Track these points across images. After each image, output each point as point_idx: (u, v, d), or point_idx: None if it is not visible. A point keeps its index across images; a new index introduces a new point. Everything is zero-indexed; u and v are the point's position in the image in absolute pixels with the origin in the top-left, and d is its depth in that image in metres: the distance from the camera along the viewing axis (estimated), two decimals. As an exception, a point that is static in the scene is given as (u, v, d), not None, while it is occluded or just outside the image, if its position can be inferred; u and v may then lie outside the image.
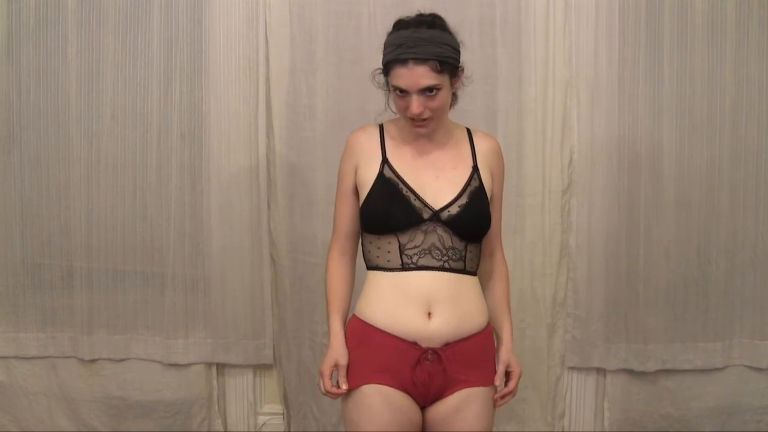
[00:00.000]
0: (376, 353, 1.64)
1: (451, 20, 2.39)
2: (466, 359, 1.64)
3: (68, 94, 2.52)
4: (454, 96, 1.72)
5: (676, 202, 2.48)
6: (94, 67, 2.51)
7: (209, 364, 2.62)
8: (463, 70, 1.68)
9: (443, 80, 1.59)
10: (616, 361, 2.54)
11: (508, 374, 1.76)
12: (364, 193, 1.68)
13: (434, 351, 1.62)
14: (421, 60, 1.56)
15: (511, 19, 2.45)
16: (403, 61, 1.57)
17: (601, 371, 2.60)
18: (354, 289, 1.77)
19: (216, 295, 2.57)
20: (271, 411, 2.71)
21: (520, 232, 2.52)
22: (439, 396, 1.65)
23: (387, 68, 1.63)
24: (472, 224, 1.66)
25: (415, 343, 1.62)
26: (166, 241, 2.56)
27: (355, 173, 1.71)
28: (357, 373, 1.66)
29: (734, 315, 2.53)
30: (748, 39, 2.45)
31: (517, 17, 2.45)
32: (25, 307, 2.62)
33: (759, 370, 2.55)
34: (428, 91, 1.58)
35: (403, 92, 1.60)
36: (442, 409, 1.65)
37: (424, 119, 1.62)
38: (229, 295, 2.56)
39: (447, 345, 1.63)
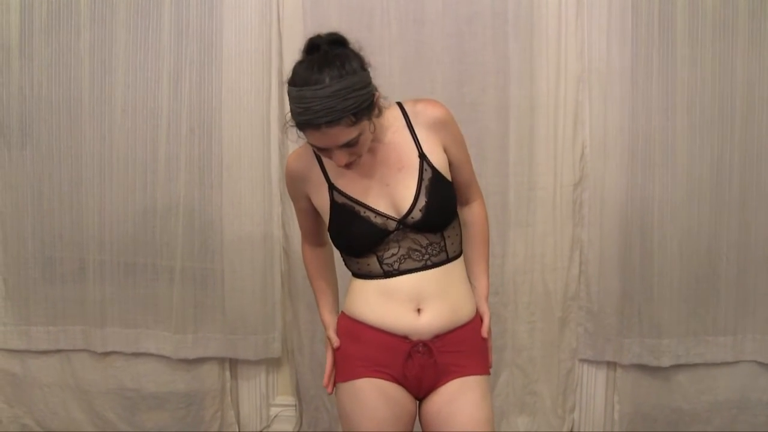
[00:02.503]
0: (368, 349, 1.63)
1: (463, 13, 2.45)
2: (457, 349, 1.63)
3: (80, 88, 2.53)
4: (379, 110, 1.58)
5: (688, 197, 2.47)
6: (106, 61, 2.52)
7: (222, 357, 2.64)
8: (378, 97, 1.53)
9: (361, 126, 1.48)
10: (629, 356, 2.53)
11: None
12: (326, 219, 1.66)
13: (425, 343, 1.60)
14: (333, 122, 1.42)
15: (523, 14, 2.45)
16: (315, 126, 1.44)
17: (611, 365, 2.61)
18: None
19: (226, 289, 2.58)
20: (284, 403, 2.73)
21: (531, 225, 2.52)
22: (432, 387, 1.64)
23: (297, 126, 1.50)
24: (439, 219, 1.61)
25: (405, 337, 1.60)
26: (174, 235, 2.57)
27: (310, 201, 1.68)
28: (350, 368, 1.65)
29: (746, 310, 2.52)
30: (761, 33, 2.43)
31: (530, 11, 2.45)
32: (38, 301, 2.63)
33: (770, 366, 2.56)
34: (348, 143, 1.48)
35: (321, 149, 1.51)
36: (437, 399, 1.63)
37: (351, 162, 1.54)
38: (239, 289, 2.57)
39: (437, 337, 1.61)
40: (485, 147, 2.45)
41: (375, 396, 1.61)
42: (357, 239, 1.60)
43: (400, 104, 1.65)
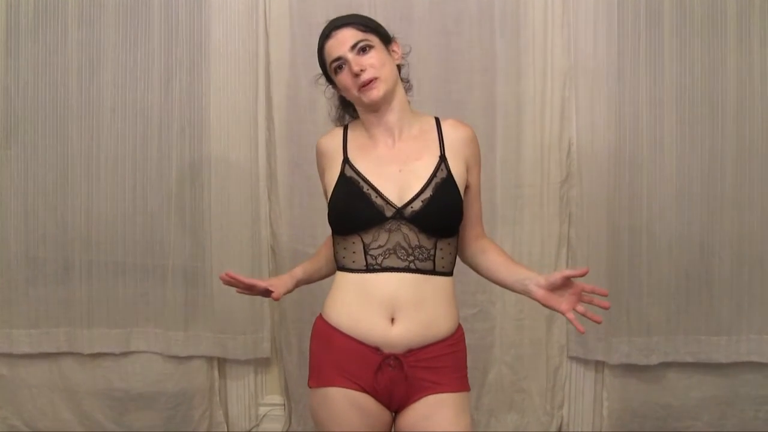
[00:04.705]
0: (339, 357, 1.59)
1: (450, 12, 2.46)
2: (430, 366, 1.58)
3: (68, 87, 2.53)
4: (408, 83, 1.70)
5: (677, 194, 2.47)
6: (94, 60, 2.52)
7: (210, 356, 2.64)
8: (397, 43, 1.68)
9: (373, 39, 1.61)
10: (618, 355, 2.53)
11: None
12: (328, 194, 1.65)
13: (396, 357, 1.56)
14: (343, 25, 1.61)
15: (509, 12, 2.46)
16: (328, 35, 1.61)
17: (600, 361, 2.60)
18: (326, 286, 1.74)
19: (216, 288, 2.57)
20: (272, 402, 2.73)
21: (518, 223, 2.53)
22: (405, 402, 1.59)
23: (321, 58, 1.65)
24: (437, 219, 1.58)
25: (377, 349, 1.57)
26: (166, 234, 2.57)
27: (324, 177, 1.70)
28: (322, 374, 1.61)
29: (741, 309, 2.52)
30: (750, 29, 2.43)
31: (516, 9, 2.46)
32: (23, 302, 2.61)
33: (759, 363, 2.54)
34: (360, 50, 1.58)
35: (340, 65, 1.60)
36: (412, 415, 1.59)
37: (371, 80, 1.57)
38: (228, 289, 2.55)
39: (410, 351, 1.57)
40: (472, 145, 2.45)
41: (347, 406, 1.58)
42: (351, 215, 1.59)
43: (436, 117, 1.71)
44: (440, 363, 1.59)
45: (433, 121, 1.70)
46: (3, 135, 2.56)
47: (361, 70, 1.57)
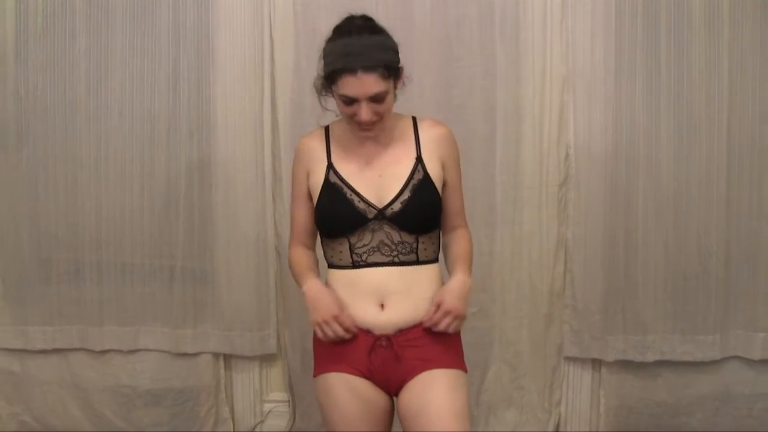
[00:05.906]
0: (335, 343, 1.67)
1: (451, 17, 2.49)
2: (421, 344, 1.67)
3: (76, 92, 2.57)
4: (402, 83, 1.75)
5: (673, 196, 2.51)
6: (102, 65, 2.55)
7: (216, 354, 2.69)
8: (403, 69, 1.69)
9: (389, 85, 1.63)
10: (614, 353, 2.57)
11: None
12: (315, 199, 1.73)
13: (387, 337, 1.66)
14: (370, 68, 1.57)
15: (509, 17, 2.50)
16: (352, 70, 1.57)
17: (597, 360, 2.64)
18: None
19: (222, 287, 2.63)
20: (277, 399, 2.78)
21: (518, 224, 2.57)
22: (401, 383, 1.67)
23: (332, 76, 1.62)
24: (416, 218, 1.69)
25: (368, 331, 1.67)
26: (174, 234, 2.61)
27: (308, 179, 1.76)
28: (322, 362, 1.72)
29: (729, 307, 2.56)
30: (743, 34, 2.47)
31: (515, 14, 2.49)
32: (36, 301, 2.66)
33: (752, 360, 2.58)
34: (376, 97, 1.61)
35: (350, 100, 1.62)
36: (407, 395, 1.66)
37: (372, 123, 1.65)
38: (235, 287, 2.62)
39: (400, 331, 1.67)
40: (473, 148, 2.49)
41: (344, 391, 1.66)
42: (337, 219, 1.69)
43: (413, 117, 1.79)
44: (427, 341, 1.67)
45: (411, 122, 1.78)
46: (14, 139, 2.61)
47: (371, 118, 1.62)
